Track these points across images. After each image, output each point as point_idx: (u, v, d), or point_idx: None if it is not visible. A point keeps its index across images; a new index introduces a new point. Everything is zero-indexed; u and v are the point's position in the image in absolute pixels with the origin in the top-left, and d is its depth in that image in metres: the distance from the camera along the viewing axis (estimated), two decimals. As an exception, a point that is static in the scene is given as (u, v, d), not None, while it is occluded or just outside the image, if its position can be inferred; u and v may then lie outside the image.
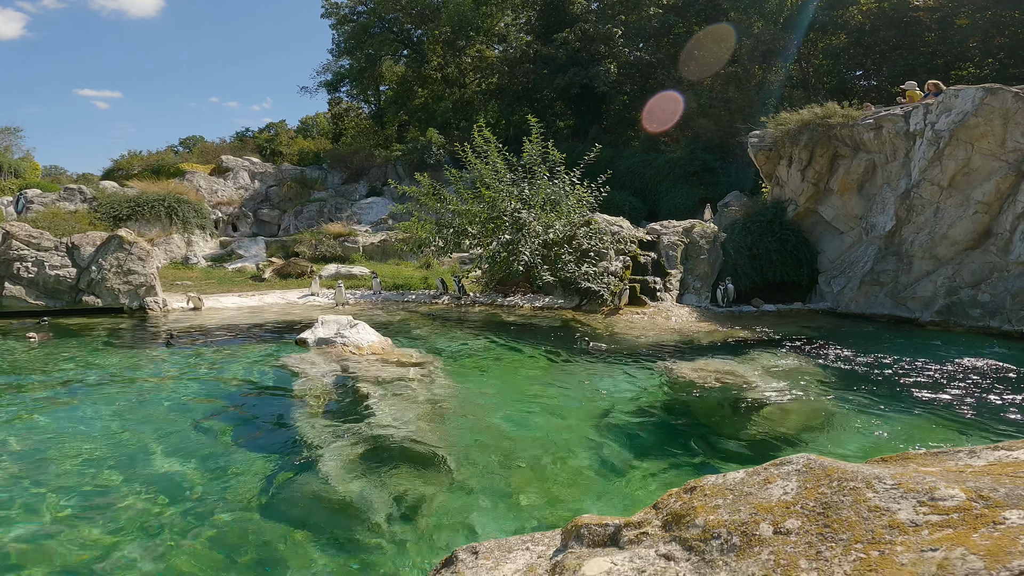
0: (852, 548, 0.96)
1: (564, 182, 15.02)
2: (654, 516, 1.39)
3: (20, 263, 11.50)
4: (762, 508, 1.14)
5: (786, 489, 1.17)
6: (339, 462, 4.97)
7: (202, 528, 4.12)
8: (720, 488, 1.30)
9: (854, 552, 0.95)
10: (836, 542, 0.99)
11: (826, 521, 1.04)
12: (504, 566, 1.85)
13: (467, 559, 1.98)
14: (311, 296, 14.60)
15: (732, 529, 1.12)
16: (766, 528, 1.08)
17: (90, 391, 7.20)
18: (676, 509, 1.33)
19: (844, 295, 13.89)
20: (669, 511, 1.34)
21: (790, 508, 1.11)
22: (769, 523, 1.09)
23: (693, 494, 1.33)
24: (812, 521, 1.06)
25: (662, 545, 1.26)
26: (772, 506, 1.14)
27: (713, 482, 1.34)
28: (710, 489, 1.31)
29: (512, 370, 8.65)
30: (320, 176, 27.87)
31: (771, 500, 1.16)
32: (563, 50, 28.11)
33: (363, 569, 3.72)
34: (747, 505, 1.17)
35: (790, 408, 6.53)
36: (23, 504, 4.47)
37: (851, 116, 13.93)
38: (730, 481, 1.31)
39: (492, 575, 1.80)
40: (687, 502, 1.31)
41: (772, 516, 1.10)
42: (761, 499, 1.18)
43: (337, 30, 33.75)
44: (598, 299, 13.13)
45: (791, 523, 1.07)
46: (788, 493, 1.16)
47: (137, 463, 5.19)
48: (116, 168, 25.86)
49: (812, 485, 1.14)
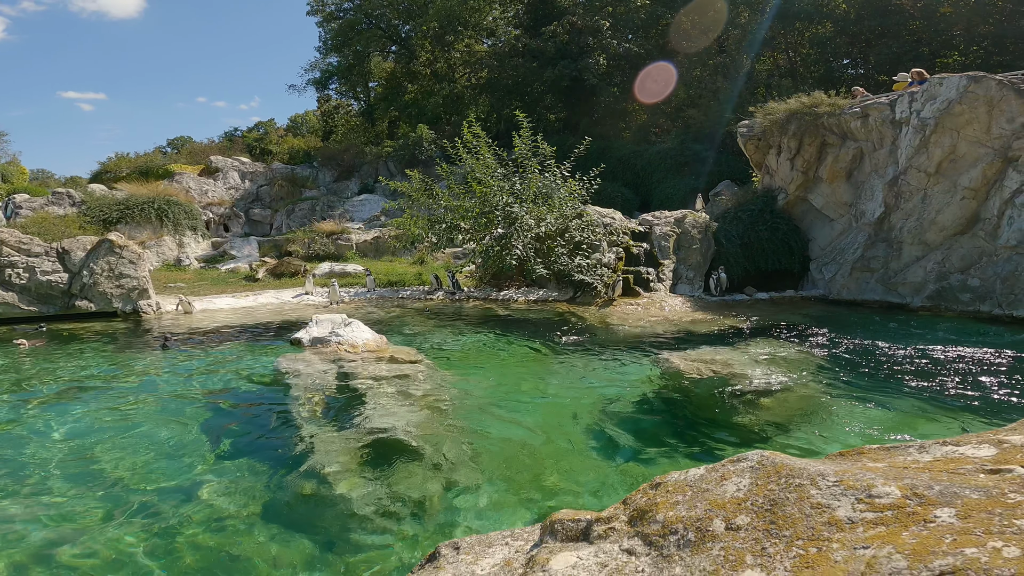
0: (793, 545, 1.01)
1: (555, 175, 15.04)
2: (622, 511, 1.44)
3: (11, 269, 11.46)
4: (716, 504, 1.19)
5: (739, 486, 1.22)
6: (335, 461, 5.01)
7: (200, 528, 4.15)
8: (681, 484, 1.35)
9: (795, 549, 1.00)
10: (780, 538, 1.04)
11: (772, 518, 1.09)
12: (483, 560, 1.90)
13: (449, 554, 2.04)
14: (305, 295, 14.61)
15: (688, 525, 1.17)
16: (719, 524, 1.13)
17: (83, 396, 7.23)
18: (641, 505, 1.38)
19: (835, 282, 13.99)
20: (635, 507, 1.39)
21: (741, 505, 1.16)
22: (722, 519, 1.14)
23: (657, 490, 1.38)
24: (760, 517, 1.10)
25: (626, 540, 1.31)
26: (726, 502, 1.18)
27: (676, 479, 1.39)
28: (672, 485, 1.36)
29: (507, 364, 8.71)
30: (311, 174, 27.78)
31: (725, 496, 1.21)
32: (552, 43, 28.03)
33: (361, 567, 3.74)
34: (703, 501, 1.22)
35: (783, 396, 6.61)
36: (29, 506, 4.50)
37: (838, 105, 13.99)
38: (691, 477, 1.36)
39: (471, 569, 1.86)
40: (651, 498, 1.36)
41: (725, 512, 1.15)
42: (716, 495, 1.22)
43: (324, 27, 33.54)
44: (592, 291, 13.19)
45: (741, 519, 1.12)
46: (741, 490, 1.20)
47: (134, 466, 5.23)
48: (104, 171, 25.69)
49: (763, 482, 1.19)
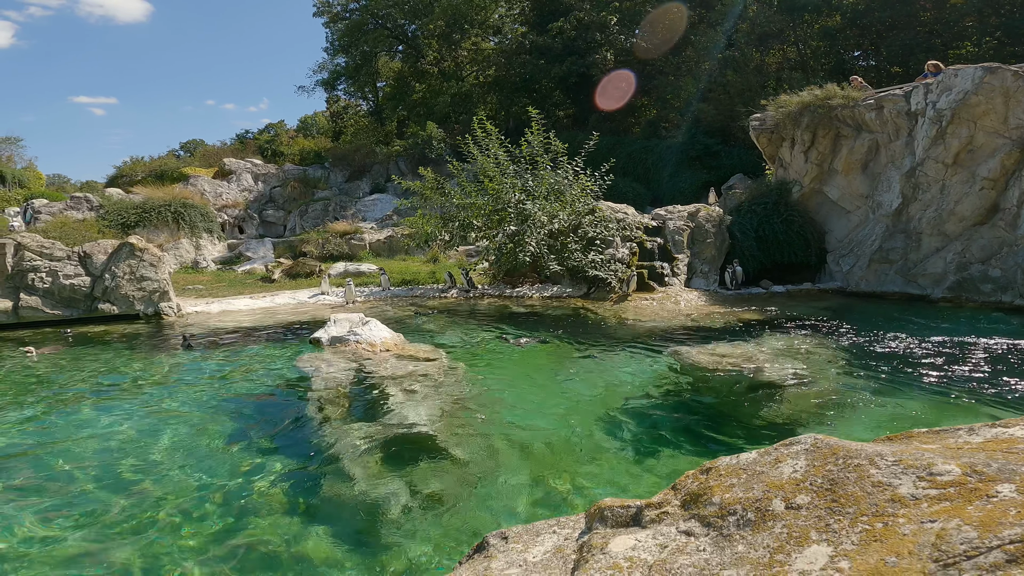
0: (858, 520, 1.06)
1: (567, 171, 15.06)
2: (673, 496, 1.49)
3: (34, 274, 11.69)
4: (774, 486, 1.24)
5: (795, 468, 1.27)
6: (358, 459, 5.06)
7: (226, 528, 4.20)
8: (734, 468, 1.40)
9: (860, 524, 1.05)
10: (843, 515, 1.09)
11: (833, 496, 1.14)
12: (534, 548, 1.96)
13: (498, 544, 2.10)
14: (321, 295, 14.75)
15: (747, 506, 1.22)
16: (778, 504, 1.18)
17: (106, 397, 7.36)
18: (694, 489, 1.43)
19: (853, 274, 13.92)
20: (687, 491, 1.44)
21: (800, 485, 1.20)
22: (781, 499, 1.19)
23: (709, 475, 1.43)
24: (821, 496, 1.15)
25: (682, 523, 1.36)
26: (783, 483, 1.23)
27: (727, 463, 1.44)
28: (725, 469, 1.41)
29: (524, 360, 8.77)
30: (323, 175, 27.99)
31: (782, 478, 1.25)
32: (559, 39, 28.02)
33: (386, 564, 3.76)
34: (760, 483, 1.27)
35: (802, 389, 6.62)
36: (60, 505, 4.63)
37: (852, 97, 13.91)
38: (743, 461, 1.41)
39: (523, 557, 1.91)
40: (704, 482, 1.41)
41: (784, 493, 1.20)
42: (773, 477, 1.27)
43: (330, 28, 33.70)
44: (606, 286, 13.21)
45: (801, 499, 1.17)
46: (797, 471, 1.25)
47: (157, 466, 5.27)
48: (120, 175, 26.07)
49: (820, 463, 1.24)
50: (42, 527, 4.35)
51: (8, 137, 30.45)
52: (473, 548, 2.16)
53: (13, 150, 30.57)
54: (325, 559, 3.87)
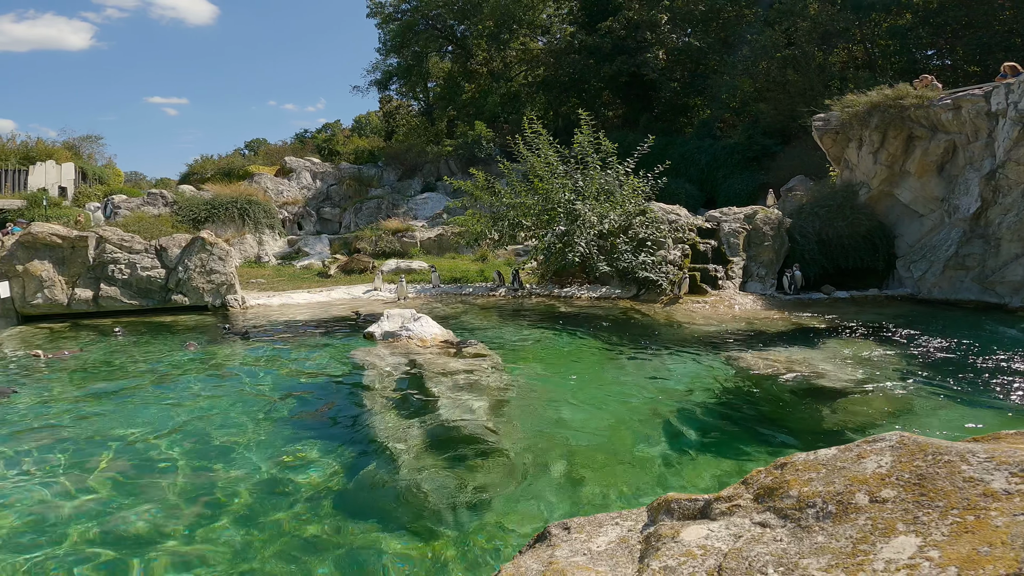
0: (948, 513, 1.05)
1: (617, 172, 14.93)
2: (744, 490, 1.49)
3: (114, 265, 12.52)
4: (857, 480, 1.23)
5: (880, 463, 1.26)
6: (408, 451, 5.14)
7: (280, 513, 4.31)
8: (812, 463, 1.39)
9: (950, 516, 1.04)
10: (932, 508, 1.08)
11: (922, 490, 1.12)
12: (597, 539, 1.99)
13: (560, 534, 2.14)
14: (374, 291, 15.17)
15: (827, 499, 1.22)
16: (862, 497, 1.17)
17: (169, 383, 7.66)
18: (767, 483, 1.43)
19: (926, 280, 13.25)
20: (760, 485, 1.45)
21: (885, 480, 1.20)
22: (865, 493, 1.18)
23: (784, 469, 1.43)
24: (908, 491, 1.14)
25: (756, 515, 1.37)
26: (867, 478, 1.23)
27: (804, 458, 1.44)
28: (801, 465, 1.41)
29: (572, 360, 8.76)
30: (376, 174, 28.73)
31: (866, 473, 1.25)
32: (608, 39, 27.77)
33: (434, 555, 3.80)
34: (841, 478, 1.26)
35: (865, 397, 6.35)
36: (119, 485, 4.96)
37: (926, 97, 13.24)
38: (822, 457, 1.40)
39: (587, 546, 1.95)
40: (778, 477, 1.41)
41: (868, 487, 1.20)
42: (855, 472, 1.27)
43: (383, 29, 34.47)
44: (656, 288, 13.03)
45: (887, 492, 1.16)
46: (883, 466, 1.24)
47: (217, 452, 5.45)
48: (191, 172, 27.55)
49: (907, 459, 1.22)
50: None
51: (89, 136, 32.67)
52: (534, 537, 2.20)
53: (94, 148, 32.80)
54: (372, 546, 3.92)
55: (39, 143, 27.54)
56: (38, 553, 3.91)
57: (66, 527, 4.18)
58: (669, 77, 28.64)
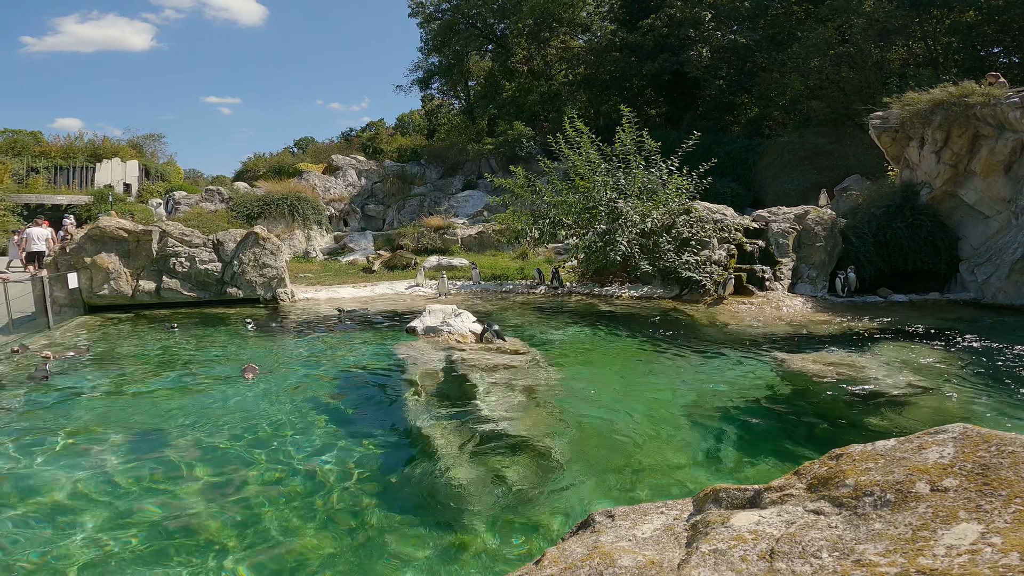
0: (1012, 502, 1.04)
1: (660, 170, 14.73)
2: (796, 481, 1.49)
3: (175, 259, 13.17)
4: (917, 470, 1.22)
5: (942, 454, 1.24)
6: (448, 447, 5.18)
7: (321, 506, 4.40)
8: (870, 454, 1.38)
9: (1014, 505, 1.03)
10: (996, 497, 1.07)
11: (985, 480, 1.11)
12: (642, 526, 2.01)
13: (604, 521, 2.17)
14: (416, 287, 15.45)
15: (886, 488, 1.22)
16: (922, 487, 1.16)
17: (217, 373, 7.95)
18: (822, 474, 1.42)
19: (991, 284, 12.60)
20: (813, 475, 1.44)
21: (947, 469, 1.18)
22: (925, 482, 1.17)
23: (840, 460, 1.43)
24: (971, 480, 1.13)
25: (809, 503, 1.37)
26: (928, 468, 1.21)
27: (861, 449, 1.42)
28: (859, 455, 1.40)
29: (612, 359, 8.72)
30: (419, 171, 29.22)
31: (927, 463, 1.23)
32: (650, 36, 27.37)
33: (472, 550, 3.81)
34: (901, 467, 1.25)
35: (919, 403, 6.10)
36: (169, 470, 5.23)
37: (993, 95, 12.57)
38: (880, 448, 1.39)
39: (632, 533, 1.98)
40: (833, 467, 1.40)
41: (928, 476, 1.19)
42: (916, 462, 1.25)
43: (424, 28, 34.97)
44: (700, 288, 12.81)
45: (949, 482, 1.15)
46: (944, 457, 1.23)
47: (261, 444, 5.58)
48: (245, 170, 28.69)
49: (970, 450, 1.20)
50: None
51: (152, 134, 34.40)
52: (578, 524, 2.23)
53: (156, 146, 34.51)
54: (397, 537, 3.97)
55: (105, 141, 29.15)
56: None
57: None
58: (714, 75, 28.01)
